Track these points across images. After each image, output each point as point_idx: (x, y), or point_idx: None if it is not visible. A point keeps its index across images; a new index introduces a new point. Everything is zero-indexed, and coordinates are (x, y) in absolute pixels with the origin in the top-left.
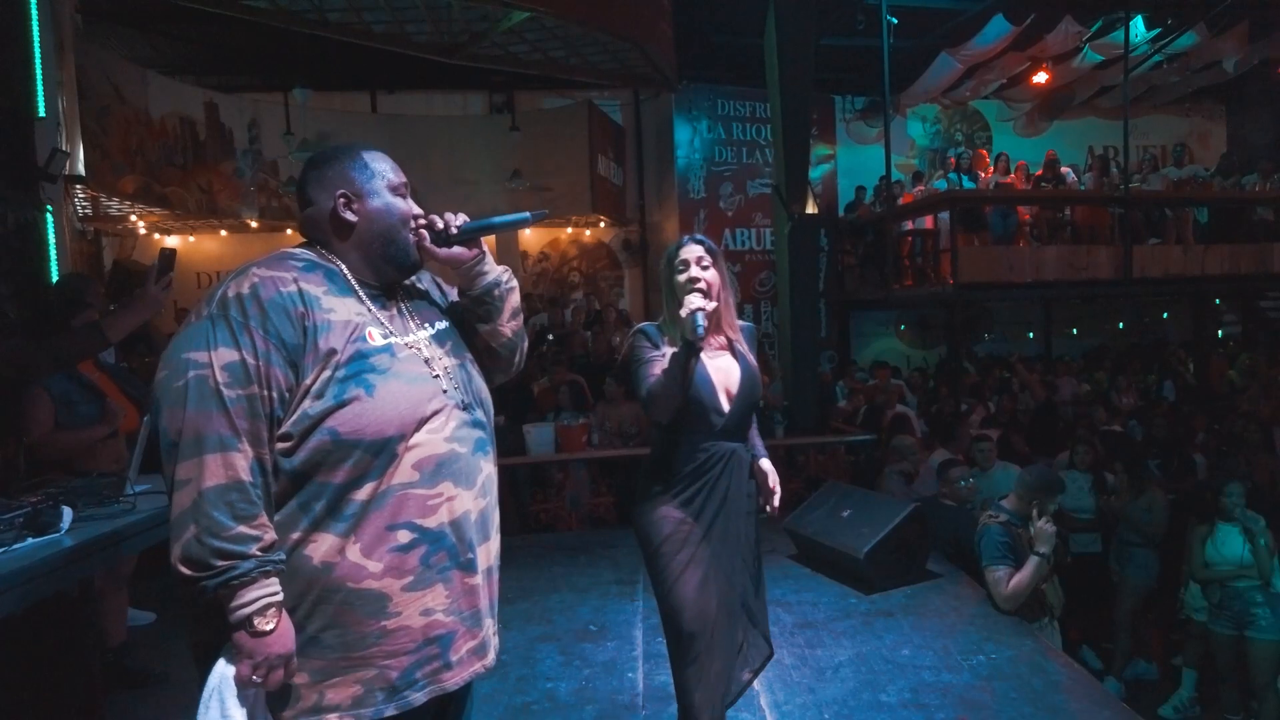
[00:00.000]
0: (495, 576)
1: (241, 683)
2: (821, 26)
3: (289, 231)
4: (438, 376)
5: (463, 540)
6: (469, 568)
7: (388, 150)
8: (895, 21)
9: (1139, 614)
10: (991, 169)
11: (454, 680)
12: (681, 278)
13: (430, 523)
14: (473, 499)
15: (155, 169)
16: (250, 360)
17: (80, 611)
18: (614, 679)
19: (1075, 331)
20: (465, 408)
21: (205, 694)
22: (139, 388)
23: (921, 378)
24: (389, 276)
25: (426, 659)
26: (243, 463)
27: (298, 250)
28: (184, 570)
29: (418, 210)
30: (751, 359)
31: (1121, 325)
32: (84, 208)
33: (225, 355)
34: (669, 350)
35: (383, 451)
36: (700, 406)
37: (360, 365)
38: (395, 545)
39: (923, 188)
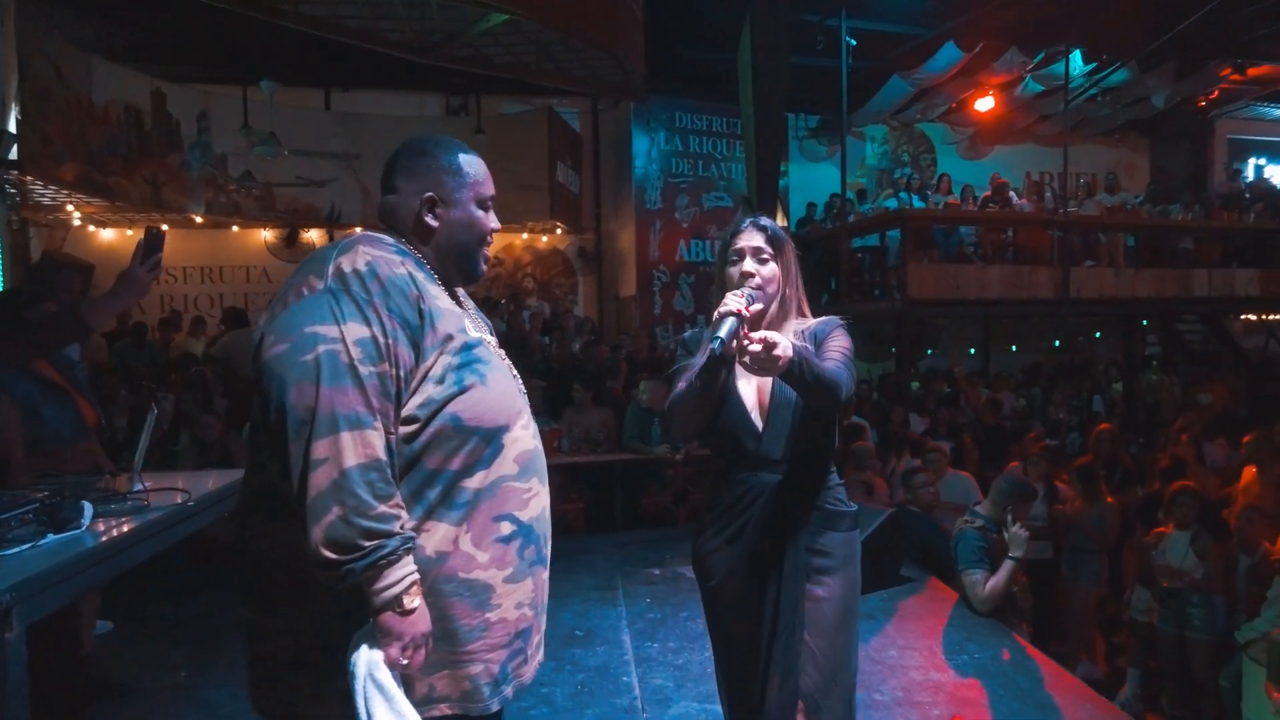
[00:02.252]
0: None
1: (391, 665)
2: (795, 45)
3: (234, 228)
4: (515, 376)
5: (544, 534)
6: (545, 562)
7: (344, 145)
8: (854, 43)
9: (1089, 617)
10: (941, 188)
11: (529, 674)
12: (734, 270)
13: (525, 516)
14: (547, 495)
15: (97, 158)
16: (380, 338)
17: (62, 617)
18: (609, 683)
19: (1015, 349)
20: (530, 407)
21: (358, 685)
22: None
23: (866, 391)
24: (453, 281)
25: (515, 652)
26: (379, 441)
27: (382, 236)
28: (328, 554)
29: (496, 225)
30: None
31: (1058, 343)
32: (12, 195)
33: (357, 330)
34: (698, 360)
35: (493, 440)
36: (729, 427)
37: (469, 354)
38: (499, 536)
39: (871, 205)
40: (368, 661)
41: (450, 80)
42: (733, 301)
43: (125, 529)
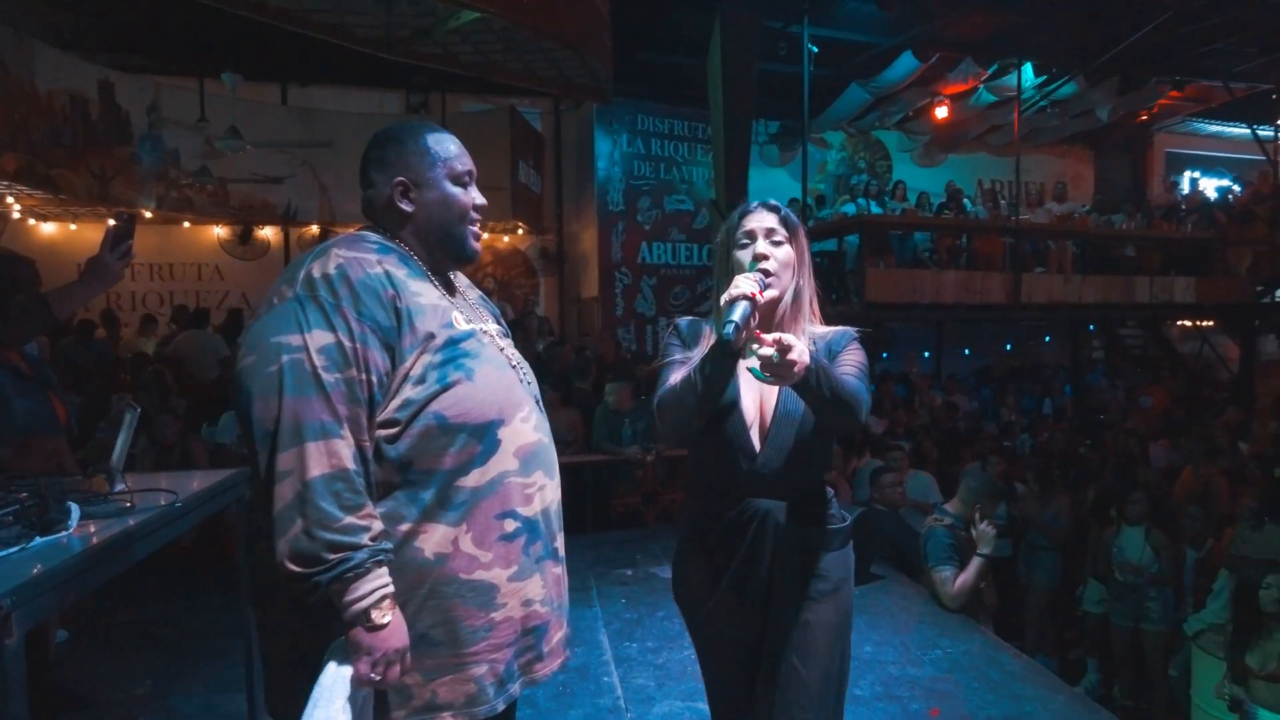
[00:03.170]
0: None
1: (360, 682)
2: (764, 51)
3: (186, 224)
4: (515, 366)
5: (550, 530)
6: (556, 557)
7: (298, 140)
8: (816, 50)
9: (1045, 612)
10: (897, 195)
11: (545, 672)
12: (743, 254)
13: (529, 511)
14: (554, 489)
15: (40, 148)
16: (347, 343)
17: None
18: (590, 683)
19: (968, 352)
20: (537, 399)
21: (314, 695)
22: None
23: None
24: (445, 266)
25: (524, 649)
26: (346, 450)
27: (367, 233)
28: (293, 567)
29: (480, 200)
30: None
31: (1009, 347)
32: None
33: (320, 338)
34: (701, 352)
35: (486, 435)
36: (723, 445)
37: (454, 350)
38: (503, 534)
39: (830, 211)
40: (335, 675)
41: (411, 78)
42: (744, 284)
43: (115, 531)
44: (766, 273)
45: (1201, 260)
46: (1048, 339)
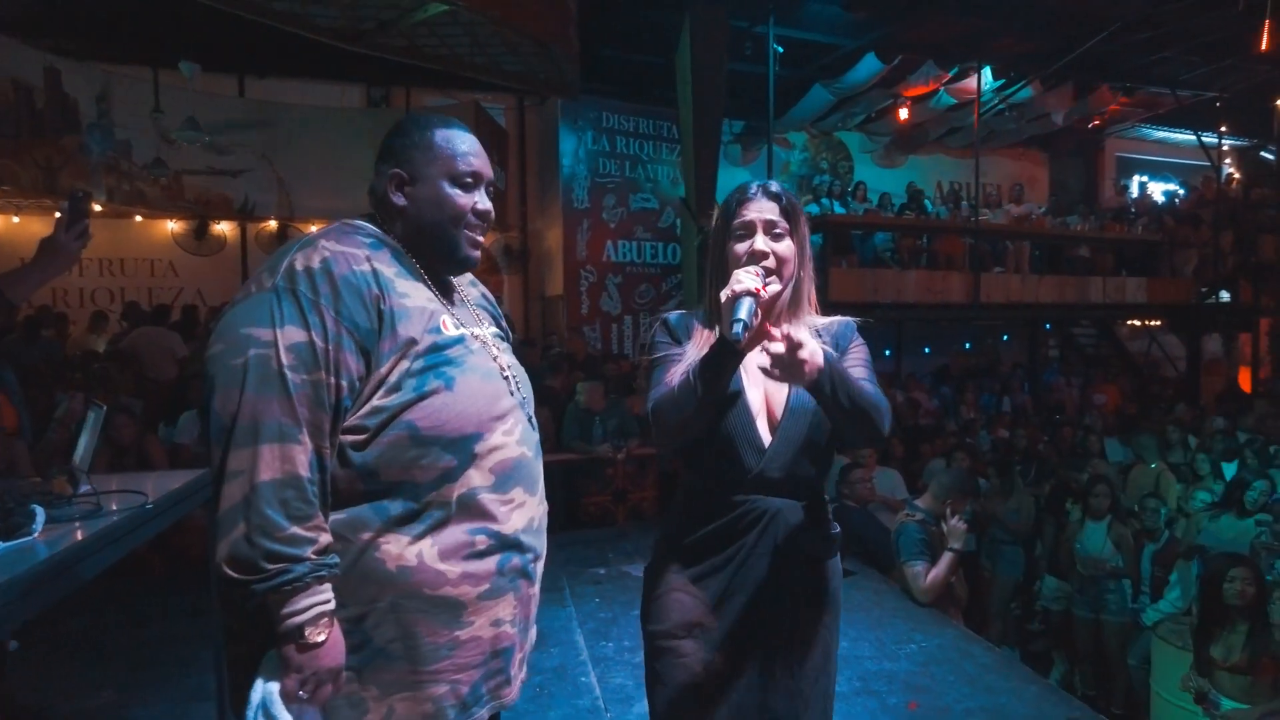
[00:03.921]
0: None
1: (287, 698)
2: (733, 49)
3: (138, 218)
4: (507, 377)
5: (529, 548)
6: (531, 577)
7: (259, 134)
8: (781, 50)
9: (1008, 605)
10: (858, 196)
11: (511, 696)
12: (739, 248)
13: (506, 529)
14: (536, 505)
15: None
16: (319, 343)
17: None
18: (568, 684)
19: (928, 350)
20: (528, 410)
21: (250, 714)
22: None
23: None
24: (438, 268)
25: (492, 673)
26: (302, 456)
27: (362, 224)
28: (230, 572)
29: (483, 205)
30: None
31: (968, 345)
32: None
33: (292, 335)
34: (696, 349)
35: (461, 450)
36: (727, 438)
37: (438, 357)
38: (473, 551)
39: None
40: (263, 690)
41: (372, 71)
42: (747, 279)
43: (85, 534)
44: (768, 270)
45: (1151, 262)
46: (1005, 338)
